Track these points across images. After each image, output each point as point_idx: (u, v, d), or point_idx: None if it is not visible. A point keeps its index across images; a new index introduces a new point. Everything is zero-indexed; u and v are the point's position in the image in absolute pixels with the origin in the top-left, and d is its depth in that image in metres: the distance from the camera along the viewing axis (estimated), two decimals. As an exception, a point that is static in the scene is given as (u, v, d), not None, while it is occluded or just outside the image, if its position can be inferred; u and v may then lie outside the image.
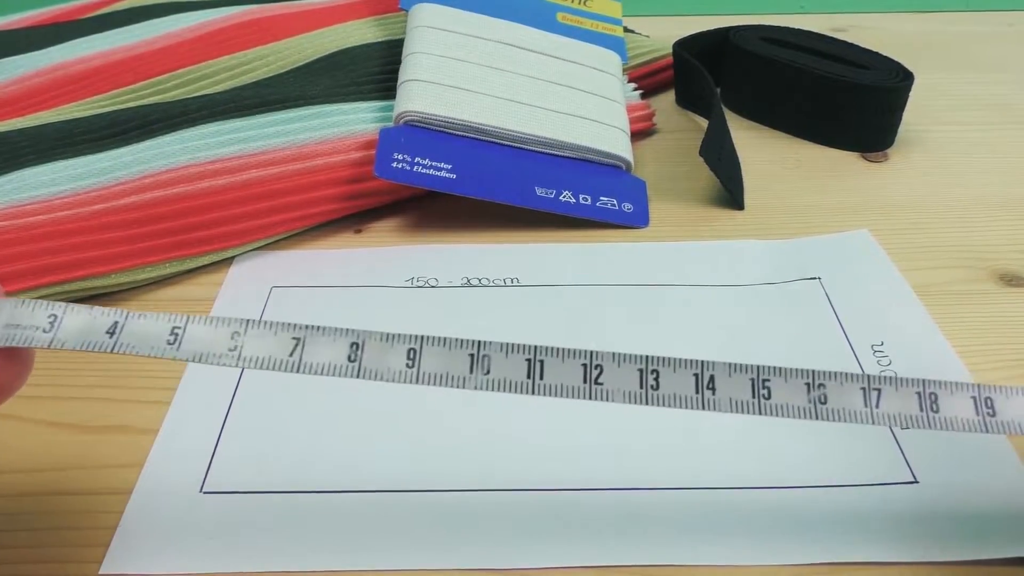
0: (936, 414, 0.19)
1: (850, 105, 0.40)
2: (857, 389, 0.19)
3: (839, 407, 0.19)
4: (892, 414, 0.19)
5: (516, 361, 0.19)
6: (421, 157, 0.34)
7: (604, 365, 0.19)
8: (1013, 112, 0.46)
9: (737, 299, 0.30)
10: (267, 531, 0.22)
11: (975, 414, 0.19)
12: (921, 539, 0.21)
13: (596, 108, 0.38)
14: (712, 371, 0.19)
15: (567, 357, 0.19)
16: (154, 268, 0.32)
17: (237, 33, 0.42)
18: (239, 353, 0.19)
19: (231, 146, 0.33)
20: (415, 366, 0.19)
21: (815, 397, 0.19)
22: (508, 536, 0.22)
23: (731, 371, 0.20)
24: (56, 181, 0.31)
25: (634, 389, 0.19)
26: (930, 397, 0.19)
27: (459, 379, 0.19)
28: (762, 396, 0.19)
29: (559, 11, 0.44)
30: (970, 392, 0.19)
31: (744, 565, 0.21)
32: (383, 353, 0.19)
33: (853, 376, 0.19)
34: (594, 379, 0.19)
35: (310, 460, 0.24)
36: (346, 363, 0.19)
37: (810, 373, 0.19)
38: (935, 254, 0.33)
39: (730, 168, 0.37)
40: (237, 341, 0.19)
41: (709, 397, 0.19)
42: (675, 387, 0.19)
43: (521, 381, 0.19)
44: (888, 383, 0.19)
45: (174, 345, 0.19)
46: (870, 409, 0.19)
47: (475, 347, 0.19)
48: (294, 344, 0.19)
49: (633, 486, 0.23)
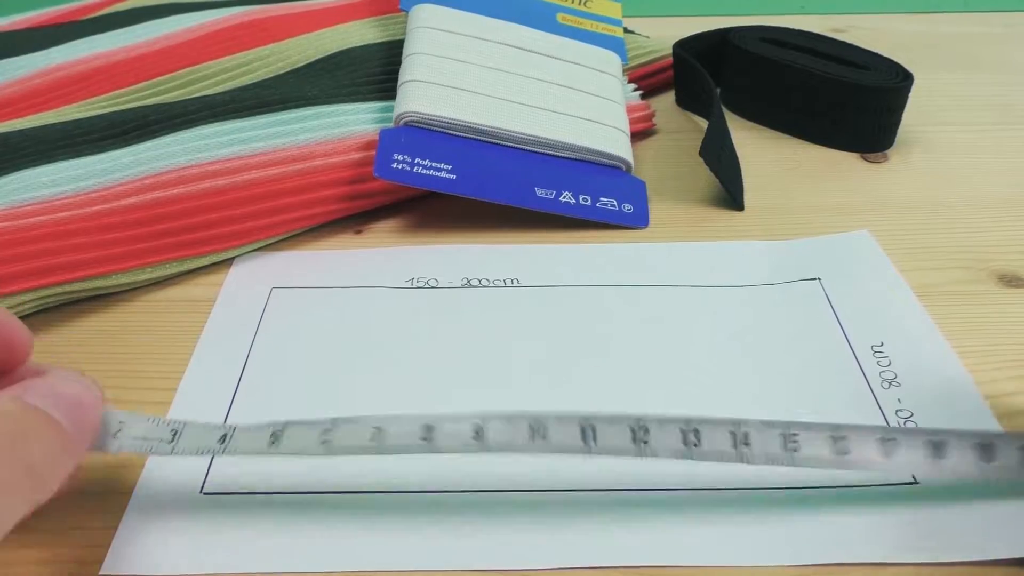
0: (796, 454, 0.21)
1: (850, 106, 0.40)
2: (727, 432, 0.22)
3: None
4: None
5: (570, 428, 0.22)
6: (421, 158, 0.34)
7: (650, 427, 0.22)
8: (1013, 112, 0.46)
9: (737, 300, 0.30)
10: (268, 531, 0.22)
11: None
12: (920, 539, 0.21)
13: (596, 109, 0.38)
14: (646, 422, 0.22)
15: (615, 422, 0.22)
16: (155, 269, 0.32)
17: (237, 34, 0.42)
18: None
19: (231, 147, 0.33)
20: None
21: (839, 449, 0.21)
22: (508, 536, 0.22)
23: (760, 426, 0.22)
24: (57, 182, 0.31)
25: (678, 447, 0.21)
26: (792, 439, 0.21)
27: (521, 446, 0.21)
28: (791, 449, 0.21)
29: (559, 12, 0.44)
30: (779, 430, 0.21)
31: (744, 565, 0.21)
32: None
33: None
34: (642, 440, 0.21)
35: (312, 461, 0.24)
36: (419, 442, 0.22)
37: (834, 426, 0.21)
38: (935, 255, 0.33)
39: (730, 169, 0.37)
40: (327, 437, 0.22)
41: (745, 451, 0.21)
42: (714, 443, 0.21)
43: (577, 445, 0.21)
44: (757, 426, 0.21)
45: (275, 445, 0.22)
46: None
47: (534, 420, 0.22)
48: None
49: (633, 486, 0.23)
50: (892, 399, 0.26)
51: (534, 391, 0.26)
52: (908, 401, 0.26)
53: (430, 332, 0.29)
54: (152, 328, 0.30)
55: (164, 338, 0.29)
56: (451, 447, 0.21)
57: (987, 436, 0.21)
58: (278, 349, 0.28)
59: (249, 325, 0.30)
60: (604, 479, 0.23)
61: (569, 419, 0.22)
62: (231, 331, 0.29)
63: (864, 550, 0.21)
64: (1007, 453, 0.21)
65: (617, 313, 0.30)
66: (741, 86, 0.45)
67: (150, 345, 0.29)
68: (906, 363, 0.27)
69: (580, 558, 0.21)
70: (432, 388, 0.27)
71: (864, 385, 0.26)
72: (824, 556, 0.21)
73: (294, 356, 0.28)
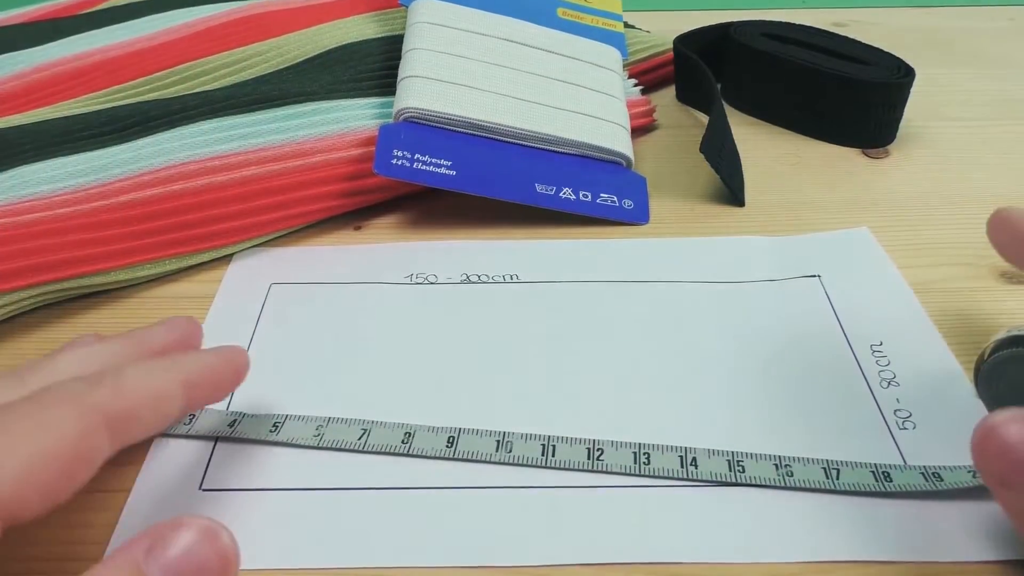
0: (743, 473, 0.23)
1: (851, 101, 0.40)
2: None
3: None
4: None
5: (579, 449, 0.24)
6: (421, 154, 0.34)
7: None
8: (1015, 107, 0.46)
9: (737, 296, 0.30)
10: (266, 529, 0.22)
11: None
12: (920, 539, 0.21)
13: (596, 104, 0.38)
14: (693, 453, 0.24)
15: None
16: (153, 265, 0.32)
17: (236, 29, 0.42)
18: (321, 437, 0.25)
19: (230, 143, 0.33)
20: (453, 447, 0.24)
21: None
22: (508, 535, 0.22)
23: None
24: (55, 178, 0.31)
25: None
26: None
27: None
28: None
29: (559, 7, 0.44)
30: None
31: (744, 564, 0.21)
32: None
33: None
34: (597, 458, 0.24)
35: (308, 457, 0.24)
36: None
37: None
38: (936, 250, 0.33)
39: (731, 164, 0.37)
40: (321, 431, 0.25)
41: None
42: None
43: (583, 462, 0.24)
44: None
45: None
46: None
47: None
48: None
49: (632, 483, 0.23)
50: (891, 399, 0.26)
51: (533, 387, 0.26)
52: (906, 401, 0.26)
53: (429, 328, 0.29)
54: (151, 325, 0.30)
55: (163, 335, 0.29)
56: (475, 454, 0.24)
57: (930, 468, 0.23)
58: (277, 345, 0.28)
59: (248, 321, 0.30)
60: (604, 477, 0.23)
61: (579, 442, 0.24)
62: (230, 327, 0.29)
63: (864, 549, 0.21)
64: (953, 476, 0.23)
65: (617, 309, 0.30)
66: (742, 81, 0.45)
67: (149, 342, 0.29)
68: (905, 363, 0.27)
69: (580, 557, 0.21)
70: (432, 385, 0.27)
71: (863, 384, 0.26)
72: (824, 555, 0.21)
73: (293, 352, 0.28)
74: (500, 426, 0.25)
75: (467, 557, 0.21)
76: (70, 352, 0.21)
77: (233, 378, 0.23)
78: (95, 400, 0.18)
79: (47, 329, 0.30)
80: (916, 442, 0.24)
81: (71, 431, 0.17)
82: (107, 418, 0.18)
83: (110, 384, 0.19)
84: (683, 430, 0.25)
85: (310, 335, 0.29)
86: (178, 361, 0.21)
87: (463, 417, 0.25)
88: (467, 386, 0.27)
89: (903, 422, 0.25)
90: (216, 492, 0.23)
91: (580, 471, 0.23)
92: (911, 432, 0.24)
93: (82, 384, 0.18)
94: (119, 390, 0.19)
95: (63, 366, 0.21)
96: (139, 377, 0.19)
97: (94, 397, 0.18)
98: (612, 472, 0.23)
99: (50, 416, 0.17)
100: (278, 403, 0.26)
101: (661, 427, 0.25)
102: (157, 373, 0.20)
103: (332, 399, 0.26)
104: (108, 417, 0.18)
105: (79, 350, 0.22)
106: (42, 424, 0.17)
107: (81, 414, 0.18)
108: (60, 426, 0.17)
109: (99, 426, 0.18)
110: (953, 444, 0.24)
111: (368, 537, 0.22)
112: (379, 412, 0.25)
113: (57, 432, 0.17)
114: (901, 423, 0.25)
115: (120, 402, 0.18)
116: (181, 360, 0.21)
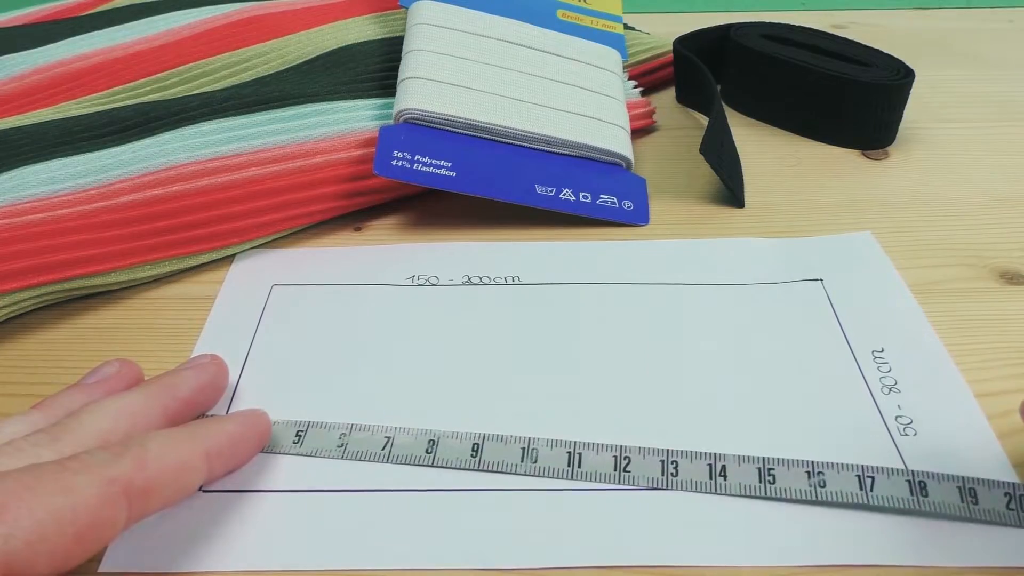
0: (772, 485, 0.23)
1: (851, 102, 0.40)
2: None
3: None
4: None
5: (559, 453, 0.24)
6: (421, 155, 0.34)
7: (632, 457, 0.24)
8: (1014, 109, 0.46)
9: (738, 298, 0.30)
10: (266, 530, 0.22)
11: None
12: (920, 543, 0.21)
13: (596, 105, 0.38)
14: (724, 461, 0.24)
15: (601, 450, 0.24)
16: (154, 266, 0.32)
17: (237, 30, 0.42)
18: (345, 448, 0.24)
19: (231, 144, 0.33)
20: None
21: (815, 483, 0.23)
22: (508, 536, 0.22)
23: (740, 461, 0.24)
24: (55, 179, 0.31)
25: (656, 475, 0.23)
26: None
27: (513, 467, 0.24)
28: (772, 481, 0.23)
29: (559, 8, 0.44)
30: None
31: (744, 566, 0.21)
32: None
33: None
34: (623, 468, 0.23)
35: (308, 459, 0.24)
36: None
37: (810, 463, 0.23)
38: (936, 252, 0.33)
39: (731, 166, 0.37)
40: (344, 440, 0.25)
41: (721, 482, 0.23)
42: (691, 474, 0.23)
43: (563, 468, 0.24)
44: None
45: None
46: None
47: (526, 442, 0.24)
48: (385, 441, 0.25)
49: (633, 486, 0.23)
50: (892, 405, 0.26)
51: (534, 389, 0.26)
52: (908, 408, 0.25)
53: (431, 330, 0.29)
54: (152, 326, 0.30)
55: (164, 336, 0.29)
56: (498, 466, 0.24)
57: (968, 480, 0.22)
58: (278, 347, 0.28)
59: (249, 323, 0.29)
60: (604, 479, 0.23)
61: (559, 445, 0.24)
62: (231, 329, 0.29)
63: (863, 553, 0.21)
64: (991, 498, 0.22)
65: (617, 311, 0.30)
66: (742, 83, 0.45)
67: (150, 343, 0.29)
68: (907, 370, 0.27)
69: (580, 558, 0.21)
70: (433, 387, 0.27)
71: (865, 390, 0.26)
72: (824, 558, 0.21)
73: (294, 354, 0.28)
74: (500, 428, 0.25)
75: (470, 559, 0.21)
76: (97, 409, 0.21)
77: (256, 444, 0.24)
78: (118, 472, 0.19)
79: (48, 330, 0.30)
80: (917, 449, 0.24)
81: (91, 499, 0.18)
82: (128, 490, 0.19)
83: (135, 456, 0.19)
84: (681, 430, 0.25)
85: (311, 337, 0.29)
86: (201, 432, 0.22)
87: (463, 418, 0.25)
88: (469, 387, 0.27)
89: (904, 428, 0.25)
90: (215, 493, 0.23)
91: (607, 484, 0.23)
92: (912, 439, 0.24)
93: (107, 454, 0.19)
94: (143, 463, 0.19)
95: (91, 419, 0.21)
96: (163, 450, 0.20)
97: (118, 469, 0.19)
98: (639, 487, 0.23)
99: (73, 482, 0.18)
100: (278, 405, 0.26)
101: (660, 429, 0.25)
102: (181, 445, 0.21)
103: (333, 401, 0.26)
104: (129, 489, 0.19)
105: (108, 406, 0.22)
106: (64, 489, 0.17)
107: (103, 483, 0.18)
108: (81, 492, 0.18)
109: (119, 497, 0.18)
110: (954, 451, 0.24)
111: (373, 539, 0.22)
112: (380, 414, 0.25)
113: (77, 498, 0.18)
114: (902, 429, 0.25)
115: (143, 475, 0.19)
116: (205, 430, 0.22)
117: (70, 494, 0.17)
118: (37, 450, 0.19)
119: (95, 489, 0.18)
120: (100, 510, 0.18)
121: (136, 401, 0.22)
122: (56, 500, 0.17)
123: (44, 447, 0.20)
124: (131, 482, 0.19)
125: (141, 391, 0.23)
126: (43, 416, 0.22)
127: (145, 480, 0.19)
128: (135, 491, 0.19)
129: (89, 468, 0.18)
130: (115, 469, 0.19)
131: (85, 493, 0.18)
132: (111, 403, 0.22)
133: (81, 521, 0.17)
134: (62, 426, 0.21)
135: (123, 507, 0.18)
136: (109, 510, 0.18)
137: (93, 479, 0.18)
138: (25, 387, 0.27)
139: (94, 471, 0.18)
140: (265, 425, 0.24)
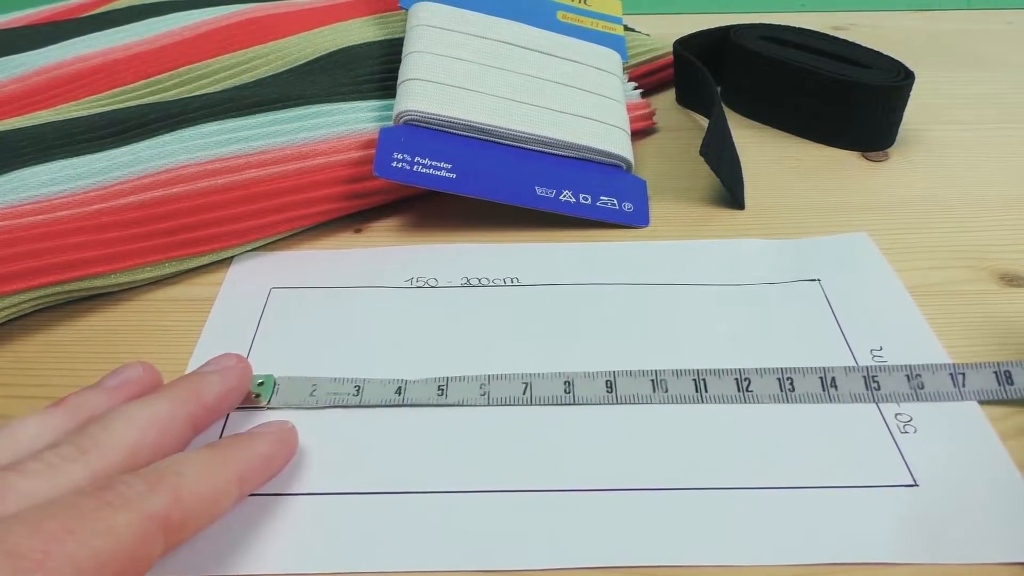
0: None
1: (851, 104, 0.40)
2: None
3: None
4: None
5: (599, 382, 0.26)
6: (421, 157, 0.34)
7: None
8: (1014, 111, 0.46)
9: (737, 299, 0.30)
10: (266, 532, 0.22)
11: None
12: (920, 541, 0.21)
13: (596, 107, 0.38)
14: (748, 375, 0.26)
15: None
16: (153, 268, 0.32)
17: (236, 32, 0.42)
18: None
19: (230, 145, 0.33)
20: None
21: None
22: (508, 536, 0.22)
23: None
24: (55, 181, 0.31)
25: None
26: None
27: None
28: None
29: (559, 9, 0.44)
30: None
31: (744, 565, 0.21)
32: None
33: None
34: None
35: (308, 461, 0.24)
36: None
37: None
38: (936, 253, 0.33)
39: (731, 167, 0.37)
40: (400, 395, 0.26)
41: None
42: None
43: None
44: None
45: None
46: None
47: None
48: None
49: (633, 486, 0.23)
50: (891, 403, 0.26)
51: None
52: (907, 406, 0.26)
53: (430, 332, 0.29)
54: (151, 327, 0.30)
55: (163, 338, 0.29)
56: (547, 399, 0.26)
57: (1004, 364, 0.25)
58: (277, 349, 0.28)
59: (248, 325, 0.29)
60: (604, 479, 0.23)
61: (597, 375, 0.26)
62: (230, 331, 0.29)
63: (863, 551, 0.21)
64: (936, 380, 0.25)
65: (617, 312, 0.30)
66: (742, 84, 0.45)
67: (149, 345, 0.29)
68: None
69: (580, 558, 0.21)
70: (425, 391, 0.27)
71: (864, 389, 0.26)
72: (824, 556, 0.21)
73: (293, 356, 0.28)
74: (499, 427, 0.25)
75: (470, 559, 0.21)
76: (122, 417, 0.21)
77: (285, 461, 0.24)
78: (157, 508, 0.19)
79: (48, 332, 0.30)
80: (918, 446, 0.24)
81: (131, 537, 0.18)
82: (166, 525, 0.19)
83: (171, 488, 0.19)
84: (683, 432, 0.25)
85: (310, 338, 0.29)
86: (234, 455, 0.22)
87: (464, 418, 0.25)
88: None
89: (904, 426, 0.25)
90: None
91: (607, 485, 0.23)
92: (912, 436, 0.24)
93: (144, 486, 0.19)
94: (179, 497, 0.19)
95: (119, 429, 0.21)
96: (198, 478, 0.20)
97: (156, 504, 0.19)
98: (639, 487, 0.23)
99: (114, 522, 0.18)
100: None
101: (661, 429, 0.25)
102: (216, 473, 0.21)
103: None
104: (167, 524, 0.19)
105: (134, 414, 0.21)
106: (106, 531, 0.18)
107: (142, 521, 0.18)
108: (122, 533, 0.18)
109: (157, 532, 0.19)
110: (955, 448, 0.24)
111: (373, 541, 0.22)
112: (376, 417, 0.25)
113: (119, 536, 0.18)
114: (902, 427, 0.25)
115: (180, 508, 0.19)
116: (238, 453, 0.22)
117: (111, 536, 0.17)
118: (68, 466, 0.19)
119: (135, 528, 0.18)
120: (138, 547, 0.18)
121: (162, 409, 0.22)
122: (98, 543, 0.17)
123: (74, 462, 0.19)
124: (168, 517, 0.19)
125: (166, 398, 0.22)
126: (63, 418, 0.22)
127: (182, 514, 0.19)
128: (172, 525, 0.19)
129: (128, 504, 0.18)
130: (153, 503, 0.19)
131: (126, 534, 0.18)
132: (137, 411, 0.21)
133: (121, 561, 0.17)
134: (88, 436, 0.20)
135: (160, 542, 0.19)
136: (147, 547, 0.18)
137: (132, 517, 0.18)
138: (25, 389, 0.27)
139: (133, 507, 0.18)
140: (295, 441, 0.24)
